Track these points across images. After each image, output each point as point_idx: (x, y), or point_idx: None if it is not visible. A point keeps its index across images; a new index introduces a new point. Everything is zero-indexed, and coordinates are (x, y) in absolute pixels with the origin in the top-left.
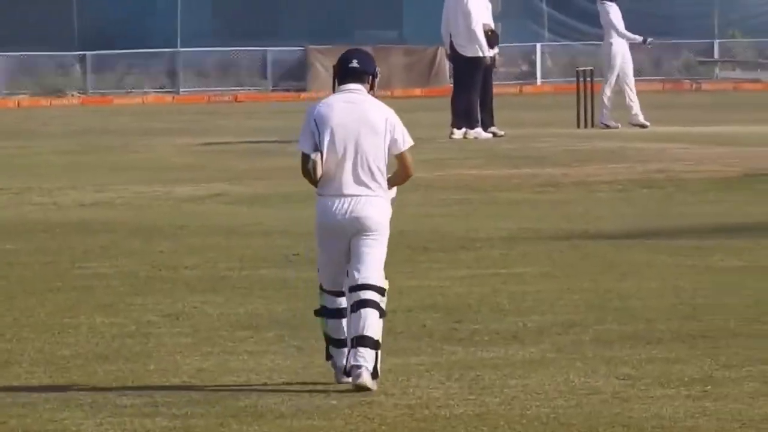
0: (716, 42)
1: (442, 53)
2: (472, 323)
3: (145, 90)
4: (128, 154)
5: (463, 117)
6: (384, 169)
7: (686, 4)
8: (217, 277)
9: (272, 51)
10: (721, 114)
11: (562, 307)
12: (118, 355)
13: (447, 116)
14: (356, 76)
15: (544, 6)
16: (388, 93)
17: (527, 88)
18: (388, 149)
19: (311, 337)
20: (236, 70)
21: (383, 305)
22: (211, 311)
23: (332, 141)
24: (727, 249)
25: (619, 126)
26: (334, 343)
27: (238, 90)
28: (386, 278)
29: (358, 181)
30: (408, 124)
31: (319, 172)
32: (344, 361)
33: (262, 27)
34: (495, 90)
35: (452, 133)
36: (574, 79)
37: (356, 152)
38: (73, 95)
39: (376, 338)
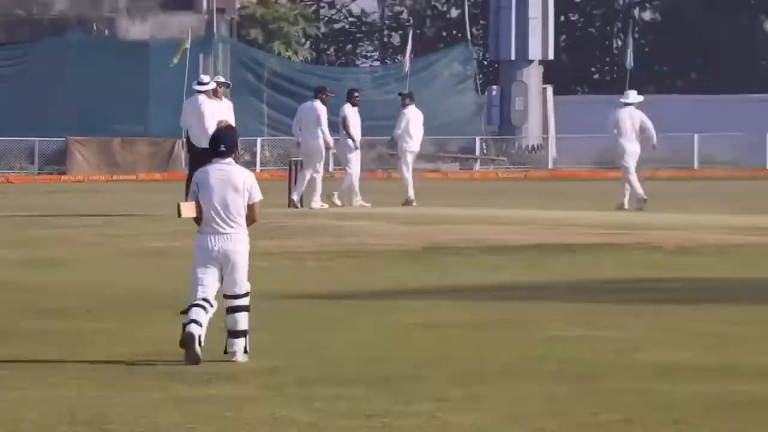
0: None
1: (179, 144)
2: (199, 368)
3: None
4: None
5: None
6: (243, 214)
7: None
8: None
9: (39, 141)
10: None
11: (272, 354)
12: None
13: (181, 197)
14: (224, 155)
15: (264, 107)
16: (134, 177)
17: None
18: (246, 200)
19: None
20: (8, 156)
21: (248, 302)
22: None
23: (209, 196)
24: (409, 308)
25: (326, 206)
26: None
27: (9, 173)
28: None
29: (226, 223)
30: (148, 204)
31: (189, 213)
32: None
33: (31, 119)
34: None
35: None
36: (287, 167)
37: (225, 203)
38: None
39: (245, 329)
